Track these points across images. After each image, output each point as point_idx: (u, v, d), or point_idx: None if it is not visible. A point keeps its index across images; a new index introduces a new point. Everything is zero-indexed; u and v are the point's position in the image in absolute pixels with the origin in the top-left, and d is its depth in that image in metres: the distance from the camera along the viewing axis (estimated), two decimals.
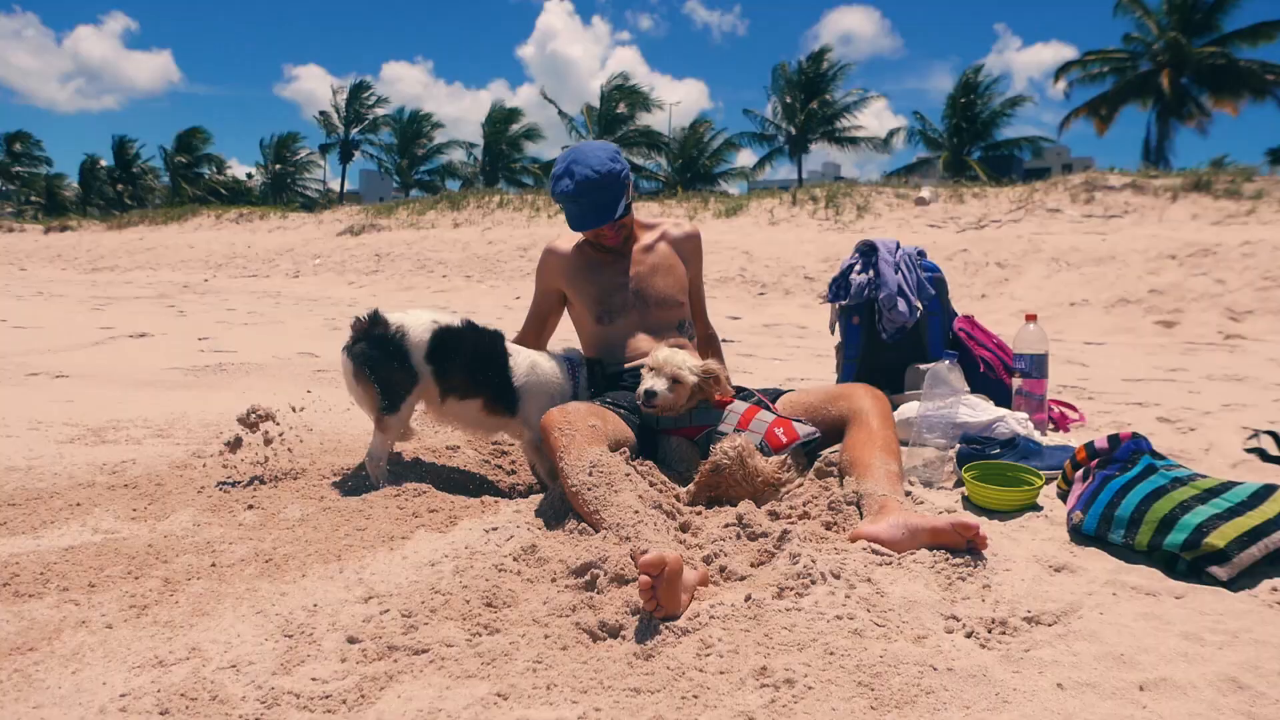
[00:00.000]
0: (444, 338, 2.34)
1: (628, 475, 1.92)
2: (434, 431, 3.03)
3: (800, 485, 2.09)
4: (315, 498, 2.26)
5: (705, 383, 2.26)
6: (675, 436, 2.27)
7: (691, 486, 2.12)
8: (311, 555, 1.83)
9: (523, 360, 2.47)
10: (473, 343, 2.40)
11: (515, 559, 1.73)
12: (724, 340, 6.56)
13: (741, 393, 2.39)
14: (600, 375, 2.59)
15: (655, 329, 2.66)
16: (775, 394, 2.44)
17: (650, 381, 2.23)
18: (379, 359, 2.27)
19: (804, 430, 2.18)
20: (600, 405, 2.31)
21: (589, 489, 1.86)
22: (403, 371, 2.29)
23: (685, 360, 2.25)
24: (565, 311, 2.89)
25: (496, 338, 2.47)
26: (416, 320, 2.34)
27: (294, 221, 21.27)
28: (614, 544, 1.70)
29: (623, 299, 2.67)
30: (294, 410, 3.02)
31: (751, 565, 1.74)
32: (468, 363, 2.38)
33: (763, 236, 13.67)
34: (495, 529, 1.87)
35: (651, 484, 2.03)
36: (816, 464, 2.14)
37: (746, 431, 2.16)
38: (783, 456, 2.11)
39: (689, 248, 2.84)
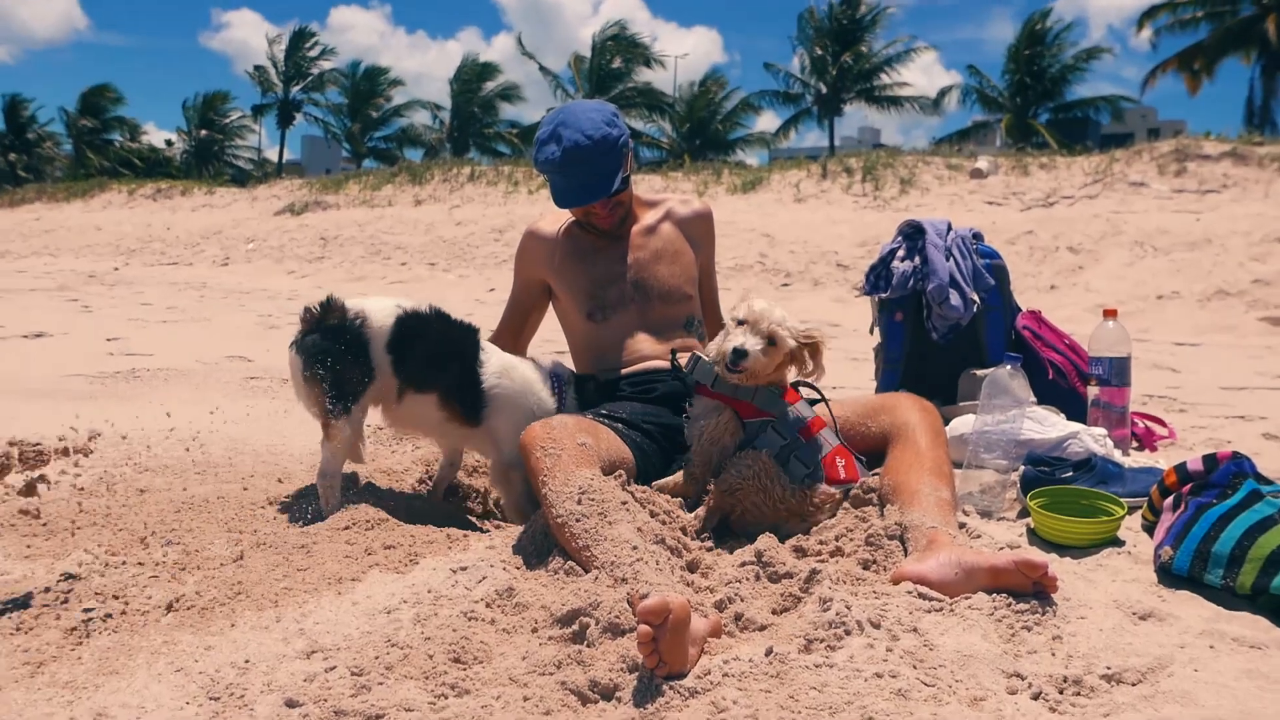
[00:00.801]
0: (409, 325, 2.37)
1: (624, 504, 1.92)
2: (391, 450, 3.03)
3: (832, 515, 2.09)
4: (247, 531, 2.26)
5: (802, 352, 2.17)
6: (723, 405, 2.17)
7: (701, 511, 2.12)
8: (242, 601, 1.83)
9: (495, 361, 2.48)
10: (440, 332, 2.42)
11: (489, 605, 1.73)
12: None
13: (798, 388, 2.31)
14: (594, 392, 2.59)
15: (658, 327, 2.66)
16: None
17: (741, 338, 2.12)
18: (335, 353, 2.29)
19: (865, 474, 2.17)
20: (592, 419, 2.31)
21: (578, 520, 1.86)
22: (358, 366, 2.31)
23: (786, 317, 2.16)
24: (550, 307, 2.89)
25: (469, 331, 2.48)
26: (378, 306, 2.37)
27: (223, 198, 21.29)
28: (607, 586, 1.70)
29: (619, 291, 2.67)
30: (212, 413, 2.99)
31: (773, 612, 1.74)
32: (431, 353, 2.40)
33: (787, 216, 13.70)
34: (464, 569, 1.87)
35: (653, 514, 2.03)
36: (852, 490, 2.14)
37: (807, 445, 2.14)
38: (820, 487, 2.10)
39: (699, 229, 2.84)
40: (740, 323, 2.17)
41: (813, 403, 2.29)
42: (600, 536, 1.82)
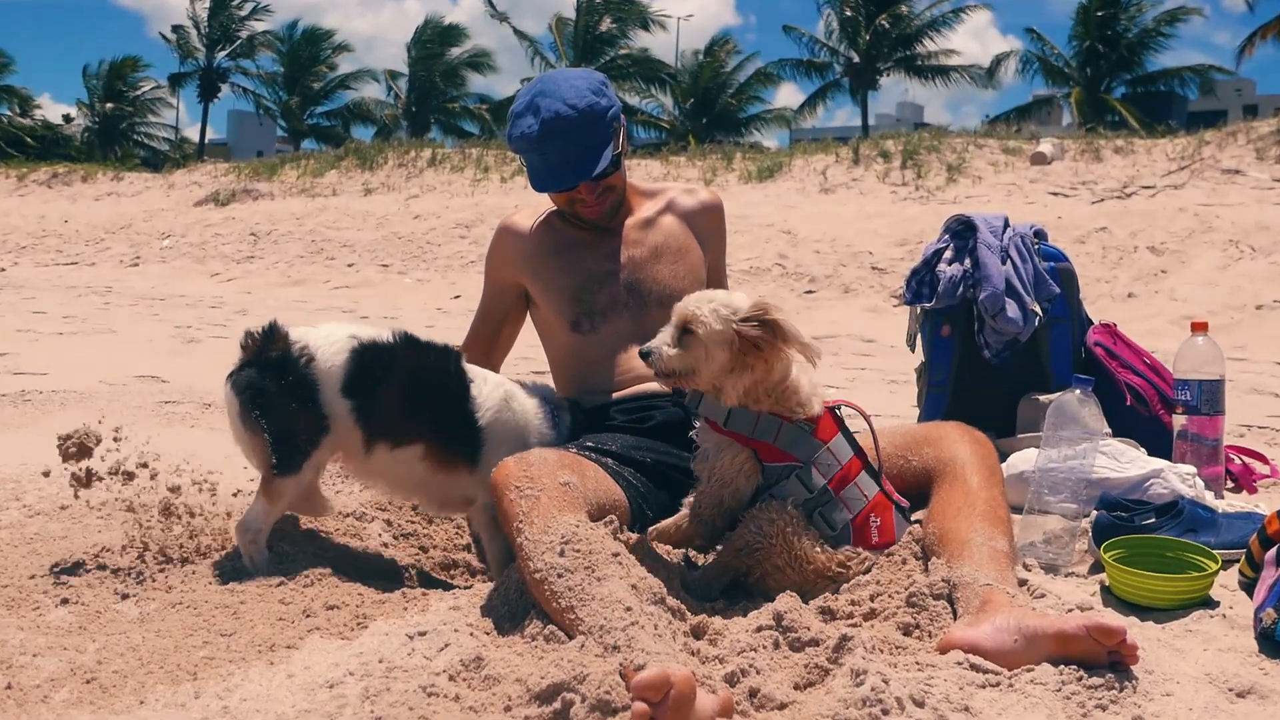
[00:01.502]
0: (369, 361, 2.35)
1: (616, 556, 1.92)
2: (336, 489, 3.03)
3: (865, 572, 2.09)
4: (160, 587, 2.25)
5: (756, 336, 2.03)
6: (738, 445, 2.10)
7: (709, 569, 2.12)
8: (153, 673, 1.82)
9: (491, 388, 2.47)
10: (412, 365, 2.41)
11: (452, 678, 1.73)
12: None
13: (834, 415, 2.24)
14: (586, 423, 2.59)
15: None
16: None
17: (658, 337, 2.09)
18: (274, 394, 2.28)
19: (899, 528, 2.15)
20: (577, 453, 2.31)
21: (560, 575, 1.86)
22: (306, 413, 2.30)
23: (714, 301, 2.06)
24: (528, 317, 2.90)
25: (448, 356, 2.48)
26: (326, 340, 2.34)
27: (133, 185, 21.32)
28: (595, 655, 1.69)
29: (610, 295, 2.68)
30: (116, 439, 2.97)
31: (795, 688, 1.73)
32: (405, 396, 2.38)
33: (811, 209, 13.76)
34: (423, 634, 1.86)
35: (652, 568, 2.04)
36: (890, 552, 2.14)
37: (839, 499, 2.10)
38: (857, 553, 2.10)
39: (707, 223, 2.86)
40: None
41: (858, 449, 2.20)
42: (587, 595, 1.81)
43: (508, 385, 2.52)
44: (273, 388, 2.28)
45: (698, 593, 2.11)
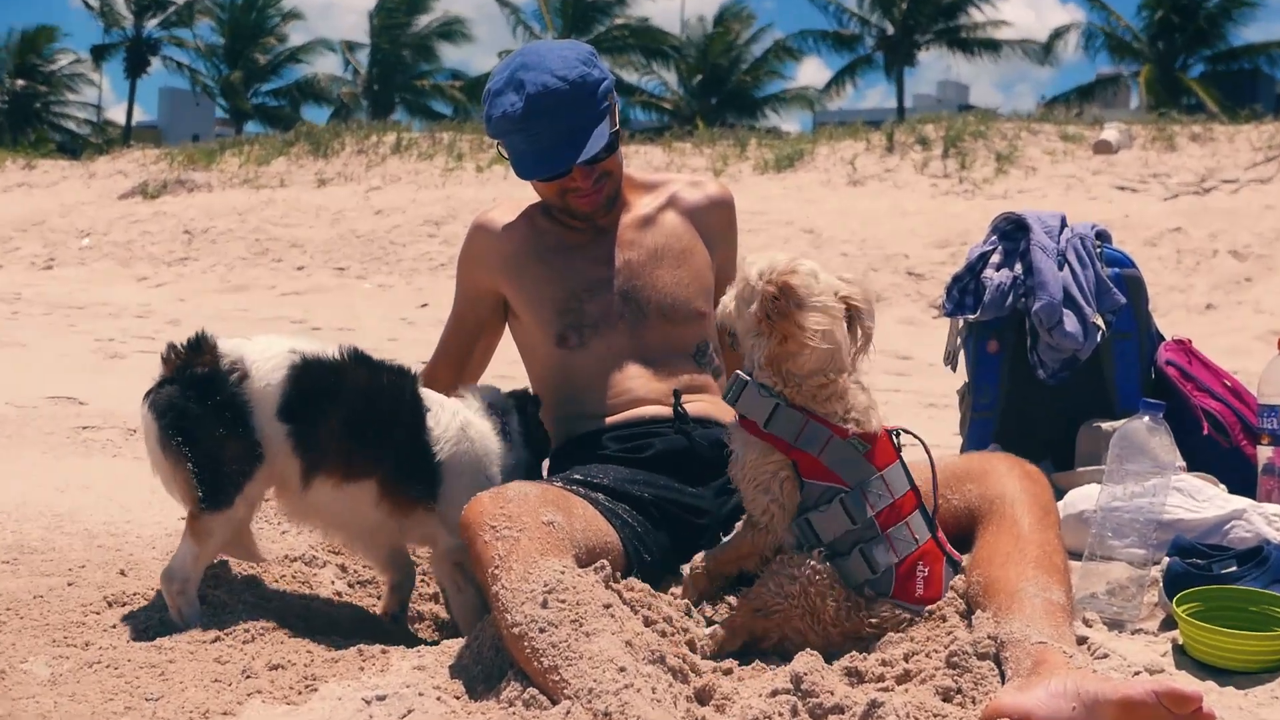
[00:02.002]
0: (309, 378, 2.36)
1: (608, 608, 1.92)
2: (281, 530, 3.03)
3: (898, 629, 2.09)
4: (76, 643, 2.25)
5: (769, 302, 2.08)
6: (759, 441, 2.12)
7: (719, 630, 2.12)
8: None
9: (449, 417, 2.48)
10: (361, 387, 2.42)
11: None
12: None
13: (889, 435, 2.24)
14: (534, 419, 2.62)
15: (656, 356, 2.68)
16: None
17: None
18: (199, 417, 2.28)
19: (946, 584, 2.15)
20: (563, 488, 2.31)
21: (542, 630, 1.86)
22: (237, 439, 2.30)
23: (765, 259, 2.14)
24: (507, 329, 2.91)
25: (402, 379, 2.49)
26: (262, 354, 2.35)
27: (47, 174, 21.35)
28: None
29: (603, 305, 2.69)
30: None
31: None
32: (352, 420, 2.39)
33: (837, 204, 13.79)
34: (382, 698, 1.87)
35: (649, 621, 2.04)
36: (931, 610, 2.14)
37: (885, 537, 2.09)
38: (883, 603, 2.10)
39: (715, 220, 2.88)
40: None
41: (912, 483, 2.20)
42: (573, 653, 1.81)
43: (460, 410, 2.53)
44: (198, 409, 2.27)
45: (709, 655, 2.11)
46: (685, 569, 2.28)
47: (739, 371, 2.19)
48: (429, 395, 2.51)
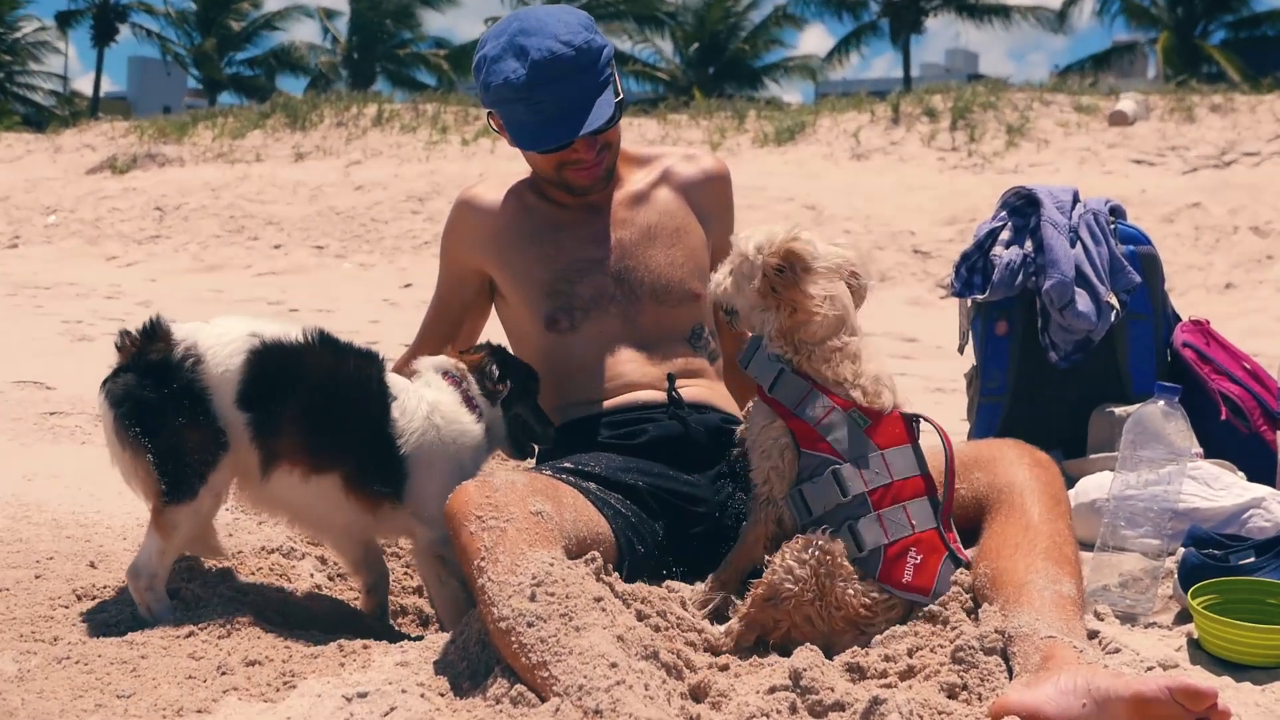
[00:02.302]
0: (268, 363, 2.35)
1: (599, 601, 1.93)
2: (259, 520, 3.03)
3: (900, 621, 2.10)
4: (43, 638, 2.25)
5: (773, 275, 2.19)
6: (768, 410, 2.24)
7: (734, 625, 2.14)
8: None
9: (414, 402, 2.48)
10: (324, 370, 2.42)
11: None
12: None
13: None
14: (524, 383, 2.61)
15: (649, 339, 2.69)
16: None
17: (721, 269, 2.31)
18: (156, 405, 2.28)
19: (943, 580, 2.14)
20: (551, 476, 2.32)
21: (530, 625, 1.86)
22: (198, 428, 2.30)
23: (760, 233, 2.25)
24: (494, 310, 2.91)
25: (368, 362, 2.49)
26: (219, 337, 2.34)
27: (11, 148, 21.26)
28: None
29: (594, 287, 2.70)
30: None
31: None
32: (314, 407, 2.39)
33: (840, 179, 13.77)
34: (364, 695, 1.87)
35: (642, 615, 2.04)
36: (922, 605, 2.14)
37: (877, 516, 2.13)
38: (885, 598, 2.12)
39: (711, 196, 2.89)
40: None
41: (923, 468, 2.23)
42: (563, 649, 1.82)
43: (424, 392, 2.52)
44: (154, 397, 2.27)
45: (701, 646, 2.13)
46: (701, 590, 2.30)
47: (756, 334, 2.29)
48: (395, 382, 2.50)
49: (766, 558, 2.17)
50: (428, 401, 2.49)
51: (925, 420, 2.28)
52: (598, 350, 2.68)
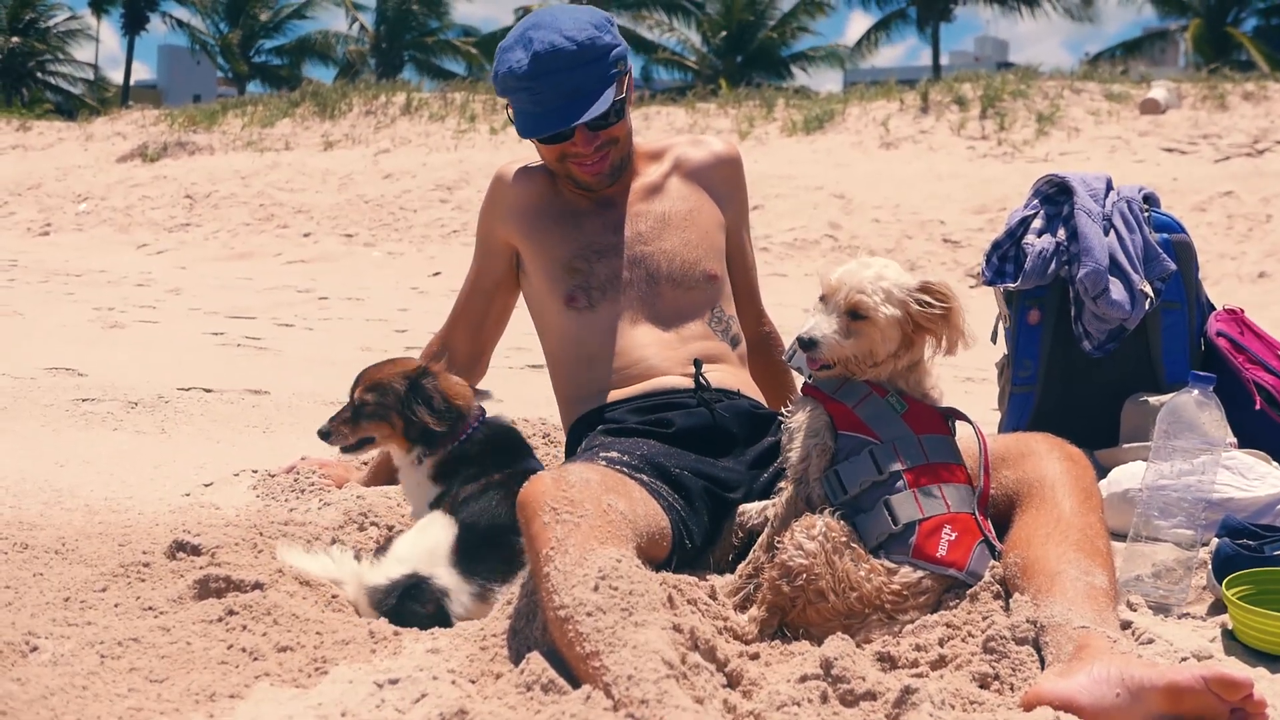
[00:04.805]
0: None
1: (664, 602, 1.92)
2: (320, 506, 3.04)
3: (929, 609, 2.10)
4: (76, 623, 2.26)
5: (924, 316, 2.24)
6: (818, 403, 2.29)
7: (756, 611, 2.15)
8: None
9: None
10: None
11: None
12: None
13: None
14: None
15: (669, 324, 2.72)
16: None
17: (811, 321, 2.26)
18: None
19: (978, 561, 2.15)
20: (618, 471, 2.31)
21: (590, 614, 1.84)
22: None
23: (884, 274, 2.25)
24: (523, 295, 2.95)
25: None
26: None
27: (43, 136, 21.41)
28: (605, 709, 1.69)
29: (611, 269, 2.74)
30: None
31: None
32: None
33: (869, 168, 13.72)
34: (395, 681, 1.87)
35: (702, 614, 2.05)
36: (954, 577, 2.14)
37: (912, 494, 2.16)
38: (915, 573, 2.11)
39: (721, 177, 2.93)
40: (822, 299, 2.27)
41: (950, 451, 2.30)
42: (619, 642, 1.79)
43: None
44: None
45: (753, 640, 2.14)
46: (732, 580, 2.32)
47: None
48: None
49: (778, 539, 2.18)
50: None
51: (960, 416, 2.30)
52: (617, 331, 2.72)
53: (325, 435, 2.64)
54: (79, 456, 3.70)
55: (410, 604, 2.30)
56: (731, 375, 2.73)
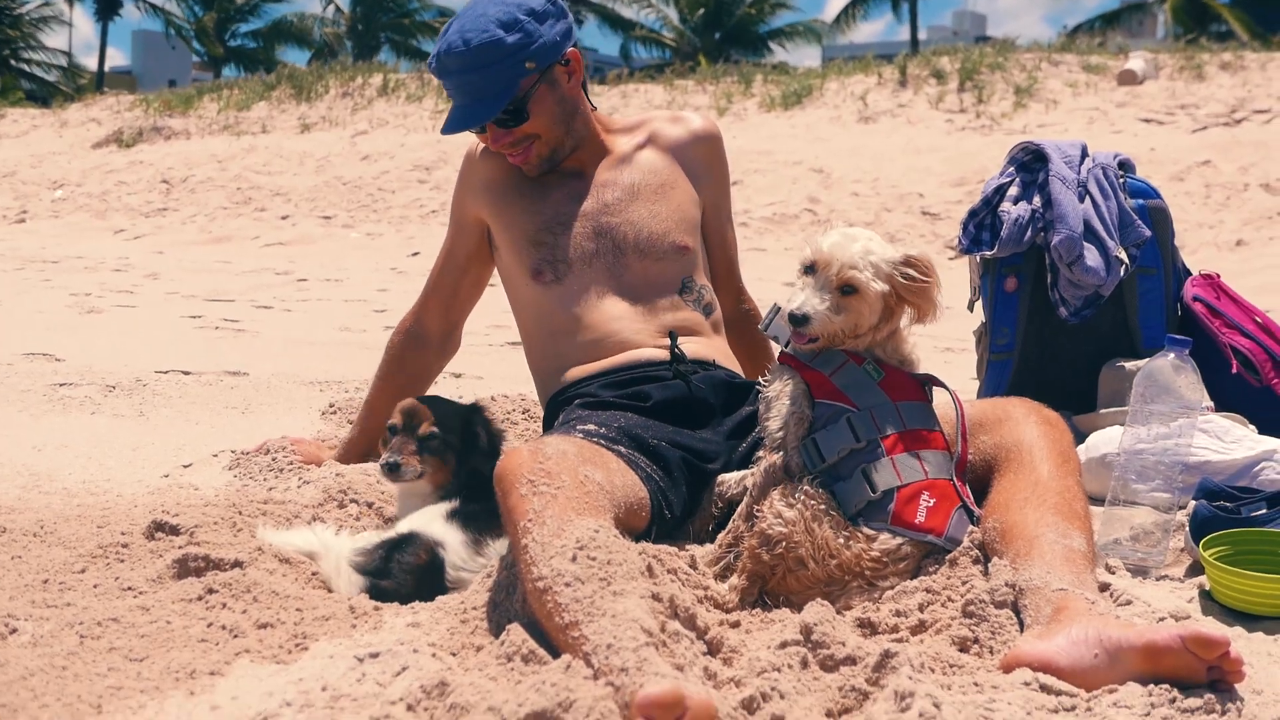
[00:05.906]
0: None
1: (643, 572, 1.91)
2: (268, 483, 3.03)
3: (908, 575, 2.11)
4: (55, 603, 2.26)
5: (906, 289, 2.25)
6: (795, 371, 2.29)
7: (736, 580, 2.15)
8: (49, 706, 1.83)
9: None
10: None
11: (411, 707, 1.73)
12: None
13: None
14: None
15: (638, 294, 2.71)
16: None
17: (801, 296, 2.24)
18: None
19: (957, 527, 2.16)
20: (594, 442, 2.31)
21: (569, 585, 1.84)
22: None
23: (871, 248, 2.25)
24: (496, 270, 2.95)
25: None
26: None
27: (16, 123, 21.26)
28: (585, 677, 1.69)
29: (576, 240, 2.75)
30: None
31: (828, 715, 1.74)
32: None
33: (848, 141, 13.72)
34: (375, 655, 1.88)
35: (682, 583, 2.06)
36: (932, 543, 2.16)
37: (890, 460, 2.17)
38: (894, 540, 2.12)
39: (700, 154, 2.93)
40: (808, 270, 2.25)
41: (930, 421, 2.31)
42: (598, 610, 1.78)
43: None
44: None
45: (733, 609, 2.15)
46: (712, 549, 2.33)
47: (777, 301, 2.32)
48: None
49: (757, 508, 2.19)
50: None
51: (936, 383, 2.31)
52: (586, 304, 2.72)
53: (395, 468, 2.52)
54: (57, 441, 3.68)
55: (401, 556, 2.30)
56: (706, 346, 2.73)
